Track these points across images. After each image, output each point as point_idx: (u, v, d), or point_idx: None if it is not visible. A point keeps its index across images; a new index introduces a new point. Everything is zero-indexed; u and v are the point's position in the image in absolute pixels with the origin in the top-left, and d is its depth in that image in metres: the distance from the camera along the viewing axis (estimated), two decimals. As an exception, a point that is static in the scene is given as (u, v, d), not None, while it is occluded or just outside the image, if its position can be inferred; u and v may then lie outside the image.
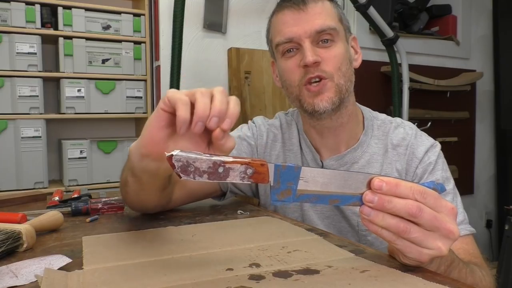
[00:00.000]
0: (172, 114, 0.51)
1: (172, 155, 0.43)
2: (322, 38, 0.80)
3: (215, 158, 0.43)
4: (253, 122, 0.99)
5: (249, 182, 0.45)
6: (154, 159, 0.55)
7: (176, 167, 0.43)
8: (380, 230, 0.46)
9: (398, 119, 0.92)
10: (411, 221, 0.45)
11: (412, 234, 0.45)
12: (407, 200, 0.45)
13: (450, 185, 0.82)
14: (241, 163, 0.44)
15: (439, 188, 0.49)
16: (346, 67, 0.82)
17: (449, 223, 0.46)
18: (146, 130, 0.54)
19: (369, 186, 0.47)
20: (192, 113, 0.50)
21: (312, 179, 0.46)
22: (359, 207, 0.47)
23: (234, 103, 0.51)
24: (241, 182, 0.44)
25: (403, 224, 0.45)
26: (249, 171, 0.44)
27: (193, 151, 0.43)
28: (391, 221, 0.45)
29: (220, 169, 0.43)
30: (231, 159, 0.43)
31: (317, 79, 0.79)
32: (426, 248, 0.46)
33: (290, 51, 0.82)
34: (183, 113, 0.49)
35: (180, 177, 0.43)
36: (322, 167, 0.87)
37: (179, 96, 0.50)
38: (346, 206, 0.85)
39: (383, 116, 0.93)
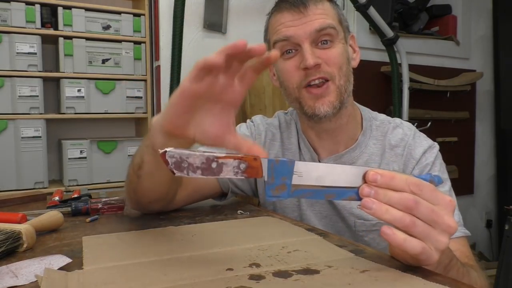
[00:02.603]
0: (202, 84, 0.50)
1: (165, 151, 0.43)
2: (321, 39, 0.79)
3: (208, 153, 0.43)
4: (252, 121, 0.99)
5: (243, 177, 0.44)
6: (177, 136, 0.54)
7: (170, 163, 0.43)
8: (392, 231, 0.44)
9: (397, 120, 0.92)
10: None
11: (418, 227, 0.44)
12: (403, 193, 0.45)
13: (446, 186, 0.82)
14: (234, 158, 0.43)
15: (436, 180, 0.48)
16: (346, 67, 0.82)
17: (447, 216, 0.46)
18: (171, 107, 0.52)
19: (365, 179, 0.46)
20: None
21: (307, 174, 0.45)
22: (356, 207, 0.47)
23: None
24: (235, 177, 0.44)
25: (408, 217, 0.44)
26: (242, 166, 0.44)
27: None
28: (396, 214, 0.44)
29: (214, 165, 0.43)
30: (224, 154, 0.43)
31: (317, 81, 0.79)
32: (431, 244, 0.45)
33: (289, 52, 0.81)
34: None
35: (174, 174, 0.43)
36: None
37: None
38: (343, 207, 0.84)
39: (382, 116, 0.93)
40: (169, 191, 0.73)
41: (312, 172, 0.46)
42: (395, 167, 0.85)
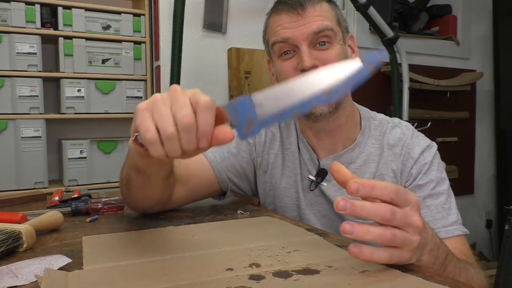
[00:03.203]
0: None
1: (136, 136, 0.46)
2: (319, 40, 0.80)
3: None
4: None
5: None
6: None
7: (144, 145, 0.46)
8: (372, 255, 0.47)
9: (396, 119, 0.92)
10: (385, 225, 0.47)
11: (398, 239, 0.47)
12: (380, 204, 0.47)
13: (445, 185, 0.82)
14: None
15: (383, 55, 0.48)
16: None
17: (415, 216, 0.49)
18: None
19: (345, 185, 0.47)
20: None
21: (266, 101, 0.47)
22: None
23: (203, 113, 0.44)
24: None
25: (388, 232, 0.47)
26: None
27: None
28: (376, 232, 0.46)
29: None
30: None
31: None
32: (406, 246, 0.48)
33: (287, 53, 0.82)
34: (157, 153, 0.46)
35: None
36: (319, 166, 0.87)
37: (145, 135, 0.45)
38: None
39: (381, 116, 0.93)
40: (165, 190, 0.73)
41: (270, 99, 0.47)
42: (393, 167, 0.85)
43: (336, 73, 0.47)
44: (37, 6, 1.80)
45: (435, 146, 0.87)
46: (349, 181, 0.47)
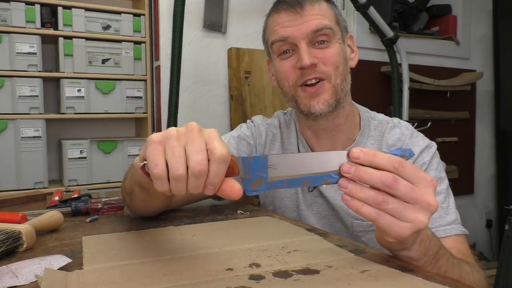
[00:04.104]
0: None
1: (144, 164, 0.44)
2: (318, 39, 0.80)
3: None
4: (252, 122, 0.99)
5: None
6: None
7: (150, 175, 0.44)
8: (361, 206, 0.46)
9: (395, 119, 0.92)
10: (389, 193, 0.46)
11: (390, 205, 0.45)
12: (383, 171, 0.46)
13: (443, 185, 0.82)
14: None
15: (407, 154, 0.49)
16: (343, 66, 0.82)
17: (427, 194, 0.46)
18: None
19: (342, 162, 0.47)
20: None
21: (281, 166, 0.47)
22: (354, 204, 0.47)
23: (216, 161, 0.43)
24: None
25: (381, 195, 0.45)
26: None
27: None
28: (369, 193, 0.45)
29: None
30: None
31: (313, 81, 0.79)
32: (406, 222, 0.46)
33: (286, 52, 0.82)
34: (161, 189, 0.45)
35: None
36: None
37: (153, 170, 0.43)
38: (340, 207, 0.85)
39: (380, 116, 0.93)
40: (166, 201, 0.74)
41: (286, 164, 0.47)
42: None
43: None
44: (37, 6, 1.81)
45: (434, 146, 0.87)
46: (352, 149, 0.46)
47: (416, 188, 0.46)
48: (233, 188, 0.45)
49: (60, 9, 1.84)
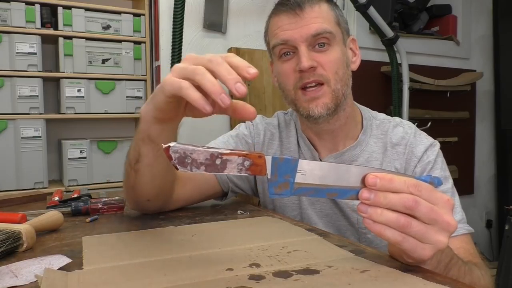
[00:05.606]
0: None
1: (169, 146, 0.42)
2: (318, 42, 0.80)
3: (212, 150, 0.43)
4: (251, 121, 0.99)
5: (246, 174, 0.44)
6: (169, 121, 0.59)
7: (173, 158, 0.42)
8: (384, 229, 0.45)
9: (397, 119, 0.92)
10: (409, 215, 0.45)
11: (414, 228, 0.44)
12: (402, 194, 0.45)
13: (449, 184, 0.82)
14: (239, 155, 0.43)
15: (436, 182, 0.48)
16: (343, 71, 0.82)
17: (446, 214, 0.46)
18: (159, 97, 0.56)
19: (363, 182, 0.46)
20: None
21: (310, 172, 0.45)
22: (357, 203, 0.47)
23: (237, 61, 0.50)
24: (238, 174, 0.44)
25: (403, 218, 0.44)
26: (247, 163, 0.44)
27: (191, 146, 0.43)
28: (391, 216, 0.44)
29: (218, 161, 0.43)
30: (228, 151, 0.43)
31: (313, 84, 0.79)
32: (428, 244, 0.46)
33: (287, 54, 0.82)
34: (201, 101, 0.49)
35: (177, 169, 0.43)
36: None
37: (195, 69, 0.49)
38: (346, 204, 0.85)
39: (382, 115, 0.93)
40: (166, 183, 0.73)
41: (315, 171, 0.46)
42: (397, 165, 0.85)
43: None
44: (37, 6, 1.81)
45: (438, 144, 0.87)
46: (367, 174, 0.46)
47: (436, 208, 0.46)
48: (249, 111, 0.51)
49: (60, 9, 1.84)
